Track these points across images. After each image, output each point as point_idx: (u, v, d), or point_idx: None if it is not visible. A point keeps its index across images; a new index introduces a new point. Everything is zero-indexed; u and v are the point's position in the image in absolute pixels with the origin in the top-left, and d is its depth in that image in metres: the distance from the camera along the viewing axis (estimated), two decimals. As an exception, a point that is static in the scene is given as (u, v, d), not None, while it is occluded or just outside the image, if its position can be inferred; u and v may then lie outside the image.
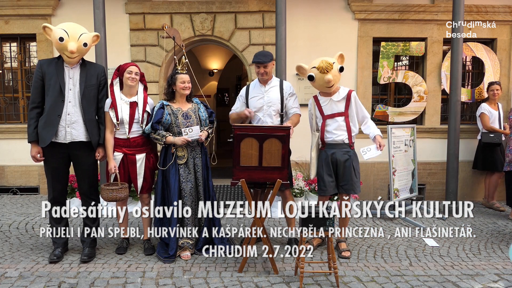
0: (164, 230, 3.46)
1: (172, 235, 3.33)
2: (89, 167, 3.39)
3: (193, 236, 3.47)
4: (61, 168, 3.34)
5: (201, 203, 3.50)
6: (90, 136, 3.28)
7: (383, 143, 3.39)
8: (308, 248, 3.58)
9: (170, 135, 3.36)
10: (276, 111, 3.52)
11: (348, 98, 3.47)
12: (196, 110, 3.50)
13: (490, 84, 5.33)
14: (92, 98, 3.30)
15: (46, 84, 3.20)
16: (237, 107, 3.69)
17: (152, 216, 3.66)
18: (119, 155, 3.40)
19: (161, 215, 3.48)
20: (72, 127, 3.21)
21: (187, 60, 3.52)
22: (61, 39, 3.09)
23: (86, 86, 3.26)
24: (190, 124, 3.39)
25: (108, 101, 3.39)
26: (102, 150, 3.39)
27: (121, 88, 3.47)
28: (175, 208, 3.34)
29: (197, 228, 3.53)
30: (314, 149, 3.61)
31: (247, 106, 3.62)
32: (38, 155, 3.25)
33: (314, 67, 3.37)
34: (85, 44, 3.21)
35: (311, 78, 3.43)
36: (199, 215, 3.52)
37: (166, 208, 3.46)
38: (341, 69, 3.40)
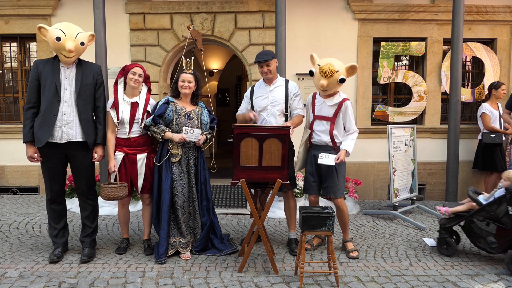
0: (158, 227, 3.46)
1: (163, 232, 3.32)
2: (86, 167, 3.38)
3: (186, 235, 3.46)
4: (58, 169, 3.33)
5: (197, 205, 3.50)
6: (86, 136, 3.26)
7: (343, 158, 3.34)
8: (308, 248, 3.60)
9: (169, 131, 3.36)
10: (280, 111, 3.51)
11: (339, 106, 3.42)
12: (199, 113, 3.50)
13: (500, 84, 5.30)
14: (88, 97, 3.29)
15: (42, 84, 3.18)
16: (243, 108, 3.70)
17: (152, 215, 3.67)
18: (120, 155, 3.40)
19: (157, 212, 3.49)
20: (68, 127, 3.20)
21: (188, 59, 3.49)
22: (58, 38, 3.07)
23: (82, 86, 3.25)
24: (190, 124, 3.39)
25: (110, 101, 3.39)
26: (100, 150, 3.38)
27: (125, 88, 3.47)
28: (167, 206, 3.34)
29: (192, 228, 3.52)
30: (302, 144, 3.64)
31: (252, 106, 3.62)
32: (36, 155, 3.23)
33: (319, 65, 3.35)
34: (82, 43, 3.20)
35: (311, 73, 3.43)
36: (196, 216, 3.52)
37: (160, 205, 3.46)
38: (342, 81, 3.31)
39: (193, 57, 3.53)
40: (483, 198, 3.40)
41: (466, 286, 2.92)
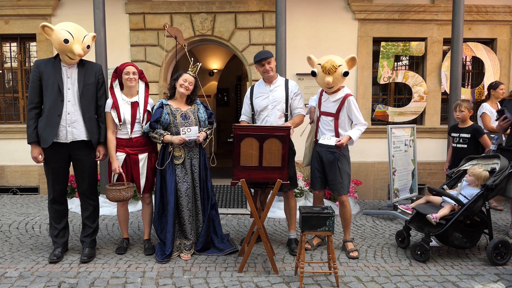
0: (162, 229, 3.47)
1: (169, 234, 3.33)
2: (90, 167, 3.39)
3: (191, 236, 3.47)
4: (61, 169, 3.34)
5: (199, 204, 3.50)
6: (90, 135, 3.28)
7: (344, 141, 3.30)
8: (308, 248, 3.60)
9: (168, 134, 3.36)
10: (281, 111, 3.51)
11: (342, 102, 3.42)
12: (196, 111, 3.50)
13: (498, 83, 5.30)
14: (91, 97, 3.30)
15: (44, 84, 3.18)
16: (245, 110, 3.71)
17: (152, 216, 3.67)
18: (121, 155, 3.40)
19: (159, 215, 3.49)
20: (73, 126, 3.21)
21: (200, 63, 3.50)
22: (66, 41, 3.06)
23: (85, 85, 3.25)
24: (188, 124, 3.39)
25: (109, 102, 3.38)
26: (103, 149, 3.39)
27: (122, 88, 3.47)
28: (172, 208, 3.34)
29: (195, 228, 3.53)
30: (308, 139, 3.67)
31: (252, 106, 3.62)
32: (40, 156, 3.24)
33: (320, 64, 3.35)
34: (88, 46, 3.21)
35: (313, 74, 3.42)
36: (198, 216, 3.53)
37: (164, 207, 3.47)
38: (346, 74, 3.32)
39: (200, 64, 3.54)
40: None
41: (466, 286, 2.92)
